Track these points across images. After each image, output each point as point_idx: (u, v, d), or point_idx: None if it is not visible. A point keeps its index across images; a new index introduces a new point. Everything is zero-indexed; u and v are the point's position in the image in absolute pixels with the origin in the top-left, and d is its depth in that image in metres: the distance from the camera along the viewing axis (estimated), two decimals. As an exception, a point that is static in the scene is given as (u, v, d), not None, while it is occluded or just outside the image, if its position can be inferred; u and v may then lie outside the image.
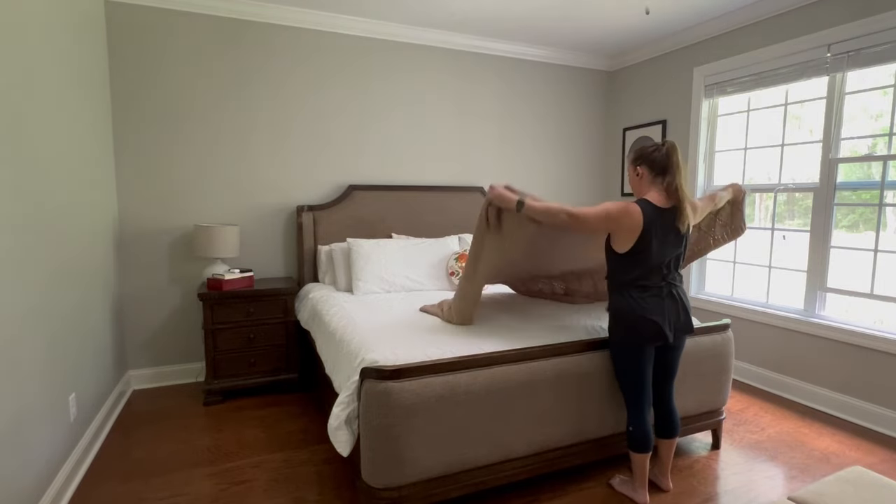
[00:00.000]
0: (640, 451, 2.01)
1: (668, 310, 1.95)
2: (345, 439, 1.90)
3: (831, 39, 2.90)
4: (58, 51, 2.21)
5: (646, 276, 1.94)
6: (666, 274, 1.97)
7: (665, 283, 1.97)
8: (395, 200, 3.77)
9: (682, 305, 2.00)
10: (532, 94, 4.30)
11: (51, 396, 2.00)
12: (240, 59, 3.37)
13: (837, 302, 3.04)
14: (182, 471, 2.30)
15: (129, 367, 3.28)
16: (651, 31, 3.78)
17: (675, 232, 1.93)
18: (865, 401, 2.83)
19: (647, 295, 1.94)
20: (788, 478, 2.28)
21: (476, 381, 1.88)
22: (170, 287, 3.33)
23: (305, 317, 3.08)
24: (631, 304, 1.94)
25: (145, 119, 3.18)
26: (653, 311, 1.92)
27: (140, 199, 3.21)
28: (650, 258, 1.91)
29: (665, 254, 1.94)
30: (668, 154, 1.92)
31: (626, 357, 2.01)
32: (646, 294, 1.94)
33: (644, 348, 1.97)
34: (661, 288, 1.96)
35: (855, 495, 1.37)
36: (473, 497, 2.07)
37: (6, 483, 1.62)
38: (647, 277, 1.94)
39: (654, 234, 1.88)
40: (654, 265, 1.93)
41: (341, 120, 3.67)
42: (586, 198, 4.65)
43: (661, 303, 1.94)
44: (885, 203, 2.78)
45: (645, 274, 1.94)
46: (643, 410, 2.02)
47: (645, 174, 1.98)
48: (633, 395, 2.02)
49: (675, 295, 1.99)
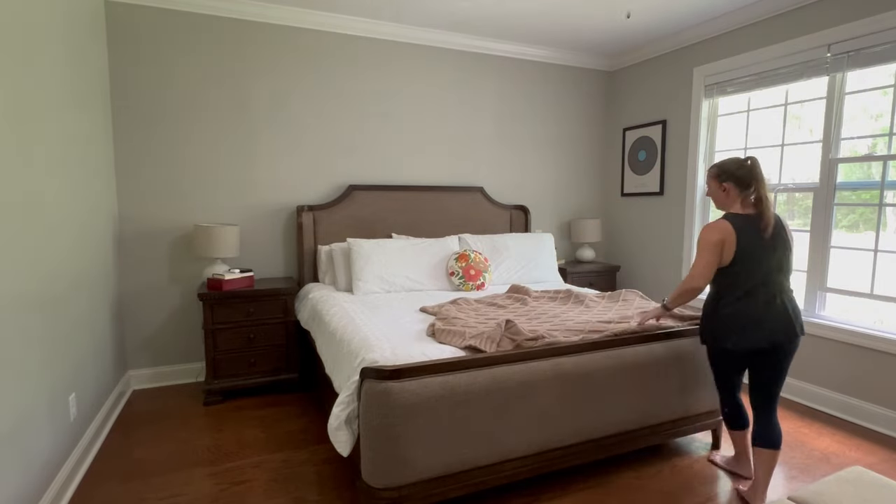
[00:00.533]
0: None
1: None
2: (345, 439, 1.91)
3: (831, 39, 2.90)
4: (58, 51, 2.21)
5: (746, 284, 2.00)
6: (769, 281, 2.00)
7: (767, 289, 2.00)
8: (395, 200, 3.77)
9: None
10: (532, 94, 4.30)
11: (51, 396, 2.00)
12: (240, 59, 3.37)
13: (837, 302, 3.03)
14: (182, 471, 2.30)
15: (129, 367, 3.28)
16: (651, 31, 3.79)
17: (761, 237, 2.00)
18: (865, 401, 2.83)
19: (753, 301, 1.99)
20: (788, 478, 2.28)
21: (476, 381, 1.88)
22: (170, 287, 3.34)
23: (305, 317, 3.08)
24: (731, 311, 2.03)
25: (145, 119, 3.18)
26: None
27: (140, 199, 3.21)
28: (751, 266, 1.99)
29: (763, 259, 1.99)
30: (751, 169, 2.05)
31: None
32: (751, 300, 1.99)
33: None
34: (766, 294, 1.99)
35: (855, 495, 1.37)
36: (473, 497, 2.07)
37: (6, 483, 1.62)
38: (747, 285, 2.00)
39: (748, 242, 1.98)
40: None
41: (341, 120, 3.67)
42: (586, 198, 4.65)
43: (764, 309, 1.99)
44: (885, 203, 2.78)
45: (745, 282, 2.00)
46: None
47: (731, 189, 2.08)
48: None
49: (779, 302, 2.00)
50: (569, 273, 4.06)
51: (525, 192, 4.38)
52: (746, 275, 1.97)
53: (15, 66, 1.78)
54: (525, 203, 4.38)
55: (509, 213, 4.17)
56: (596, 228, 4.33)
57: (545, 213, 4.48)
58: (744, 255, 1.97)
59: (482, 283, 3.38)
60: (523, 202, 4.38)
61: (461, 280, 3.32)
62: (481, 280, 3.37)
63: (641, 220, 4.33)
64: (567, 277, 4.05)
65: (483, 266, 3.42)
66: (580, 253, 4.41)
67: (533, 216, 4.41)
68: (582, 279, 4.14)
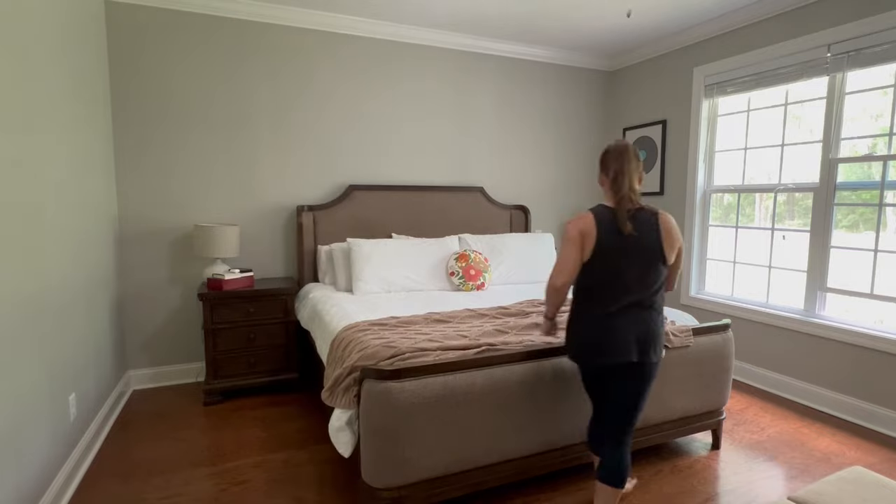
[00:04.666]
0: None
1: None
2: (346, 440, 1.91)
3: (831, 39, 2.90)
4: (58, 51, 2.21)
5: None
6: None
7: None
8: (395, 200, 3.77)
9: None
10: (532, 94, 4.30)
11: (51, 396, 1.99)
12: (240, 59, 3.36)
13: (837, 302, 3.03)
14: (182, 471, 2.30)
15: (129, 367, 3.28)
16: (651, 31, 3.78)
17: (620, 235, 1.76)
18: (865, 401, 2.83)
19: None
20: (788, 478, 2.28)
21: (476, 381, 1.88)
22: (170, 287, 3.33)
23: (305, 317, 3.08)
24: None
25: (145, 119, 3.18)
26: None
27: (140, 199, 3.21)
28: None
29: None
30: (612, 150, 1.81)
31: None
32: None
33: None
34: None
35: (855, 495, 1.37)
36: (473, 497, 2.07)
37: (6, 483, 1.62)
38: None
39: (607, 239, 1.75)
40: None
41: (341, 120, 3.67)
42: (586, 198, 4.65)
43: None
44: (885, 203, 2.77)
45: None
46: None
47: (600, 176, 1.87)
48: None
49: (635, 317, 1.76)
50: (569, 273, 4.05)
51: (525, 192, 4.38)
52: (601, 278, 1.73)
53: (14, 67, 1.78)
54: (525, 203, 4.38)
55: (509, 213, 4.17)
56: (596, 228, 4.32)
57: (545, 213, 4.48)
58: (600, 253, 1.72)
59: (482, 283, 3.38)
60: (523, 202, 4.37)
61: (461, 280, 3.32)
62: (481, 280, 3.37)
63: (641, 220, 4.32)
64: (567, 277, 4.04)
65: (483, 266, 3.42)
66: (580, 253, 4.40)
67: (533, 216, 4.41)
68: (582, 279, 4.13)
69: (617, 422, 1.79)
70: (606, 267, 1.72)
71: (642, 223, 1.73)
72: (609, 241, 1.71)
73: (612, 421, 1.80)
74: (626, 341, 1.71)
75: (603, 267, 1.72)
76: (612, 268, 1.72)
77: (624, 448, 1.79)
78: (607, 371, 1.78)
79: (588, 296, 1.78)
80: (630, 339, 1.72)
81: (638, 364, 1.74)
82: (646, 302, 1.74)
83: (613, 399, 1.80)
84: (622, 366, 1.74)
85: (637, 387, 1.77)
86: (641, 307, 1.74)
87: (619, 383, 1.77)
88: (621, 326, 1.72)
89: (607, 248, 1.71)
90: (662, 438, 2.35)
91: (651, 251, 1.72)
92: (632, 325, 1.72)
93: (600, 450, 1.84)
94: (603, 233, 1.71)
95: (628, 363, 1.73)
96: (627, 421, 1.79)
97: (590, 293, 1.77)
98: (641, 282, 1.72)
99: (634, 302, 1.73)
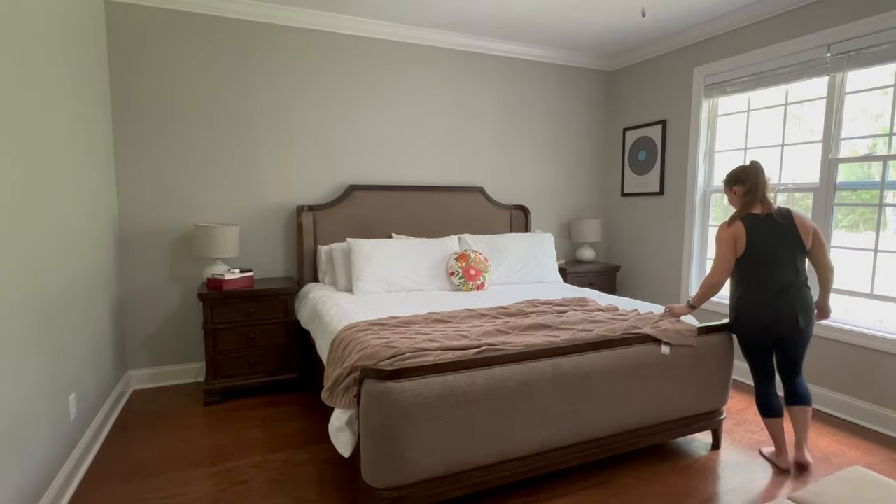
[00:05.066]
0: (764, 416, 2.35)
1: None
2: (346, 440, 1.90)
3: (831, 39, 2.90)
4: (58, 50, 2.21)
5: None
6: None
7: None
8: (395, 200, 3.77)
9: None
10: (532, 94, 4.30)
11: (51, 396, 1.99)
12: (240, 60, 3.37)
13: (837, 302, 3.03)
14: (182, 471, 2.30)
15: (128, 368, 3.28)
16: (651, 31, 3.79)
17: (768, 234, 2.25)
18: (865, 401, 2.83)
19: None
20: (788, 478, 2.28)
21: (476, 381, 1.88)
22: (170, 287, 3.33)
23: (305, 317, 3.08)
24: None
25: (145, 119, 3.18)
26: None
27: (140, 199, 3.21)
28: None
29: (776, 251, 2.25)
30: (747, 170, 2.32)
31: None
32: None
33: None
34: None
35: (855, 495, 1.37)
36: (473, 497, 2.07)
37: (6, 483, 1.62)
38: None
39: (757, 238, 2.24)
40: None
41: (342, 120, 3.67)
42: (586, 198, 4.65)
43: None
44: (885, 203, 2.78)
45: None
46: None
47: (739, 191, 2.36)
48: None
49: (788, 294, 2.23)
50: (569, 273, 4.06)
51: (525, 192, 4.38)
52: (755, 268, 2.24)
53: (14, 67, 1.78)
54: (525, 203, 4.38)
55: (509, 213, 4.17)
56: (596, 228, 4.33)
57: (545, 213, 4.48)
58: (753, 249, 2.23)
59: (482, 283, 3.38)
60: (523, 202, 4.37)
61: (461, 280, 3.32)
62: (481, 280, 3.37)
63: (641, 220, 4.33)
64: (567, 278, 4.05)
65: (483, 266, 3.42)
66: (580, 253, 4.41)
67: (533, 216, 4.41)
68: (582, 279, 4.14)
69: (791, 367, 2.34)
70: (761, 259, 2.23)
71: (781, 218, 2.26)
72: (758, 239, 2.23)
73: (787, 367, 2.34)
74: (791, 312, 2.21)
75: (759, 259, 2.23)
76: (767, 259, 2.22)
77: (801, 378, 2.35)
78: (774, 340, 2.26)
79: (751, 283, 2.26)
80: (795, 310, 2.21)
81: (800, 329, 2.24)
82: (797, 281, 2.22)
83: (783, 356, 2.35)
84: (788, 332, 2.24)
85: (799, 342, 2.29)
86: (793, 286, 2.22)
87: (786, 344, 2.29)
88: (783, 303, 2.21)
89: (759, 245, 2.23)
90: (662, 438, 2.34)
91: (791, 240, 2.23)
92: (791, 301, 2.20)
93: (785, 387, 2.36)
94: (751, 234, 2.23)
95: (793, 330, 2.23)
96: (797, 363, 2.33)
97: (752, 281, 2.25)
98: (790, 266, 2.22)
99: (789, 283, 2.21)
